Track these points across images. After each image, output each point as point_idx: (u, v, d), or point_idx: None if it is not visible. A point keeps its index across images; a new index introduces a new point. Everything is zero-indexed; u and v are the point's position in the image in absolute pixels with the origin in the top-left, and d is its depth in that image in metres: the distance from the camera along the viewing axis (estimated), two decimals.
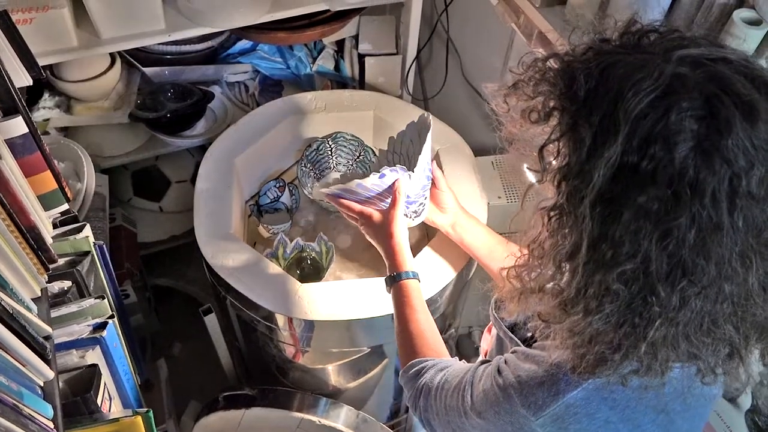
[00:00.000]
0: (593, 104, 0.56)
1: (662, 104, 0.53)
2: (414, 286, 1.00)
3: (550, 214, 0.61)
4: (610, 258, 0.56)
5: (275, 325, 1.23)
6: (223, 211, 1.28)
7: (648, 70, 0.54)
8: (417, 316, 0.97)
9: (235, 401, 1.43)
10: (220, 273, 1.20)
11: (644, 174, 0.53)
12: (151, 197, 1.80)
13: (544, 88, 0.62)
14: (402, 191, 1.03)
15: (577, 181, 0.57)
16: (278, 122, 1.45)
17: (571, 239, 0.59)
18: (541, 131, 0.62)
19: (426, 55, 1.91)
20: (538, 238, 0.64)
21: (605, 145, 0.54)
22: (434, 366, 0.88)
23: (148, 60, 1.64)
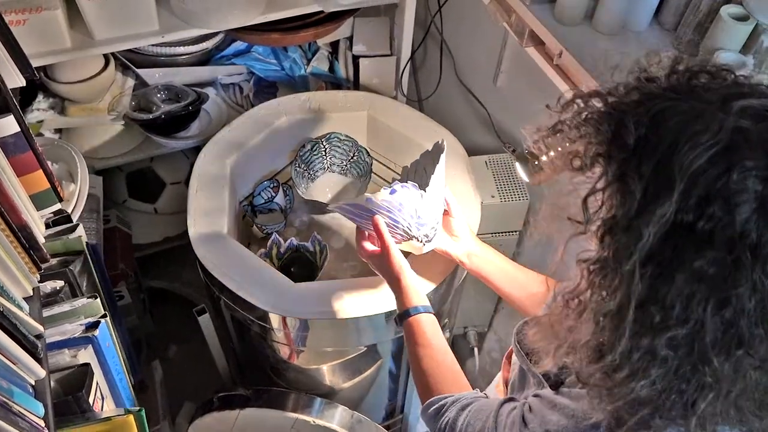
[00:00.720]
0: (644, 154, 0.53)
1: (723, 161, 0.49)
2: (423, 321, 0.95)
3: (592, 267, 0.57)
4: (659, 322, 0.53)
5: (269, 325, 1.23)
6: (216, 212, 1.29)
7: (706, 121, 0.51)
8: (428, 352, 0.92)
9: (229, 402, 1.42)
10: (213, 273, 1.20)
11: (701, 235, 0.50)
12: (145, 199, 1.80)
13: (587, 132, 0.58)
14: (384, 230, 0.98)
15: (625, 237, 0.53)
16: (272, 123, 1.45)
17: (615, 298, 0.55)
18: (584, 179, 0.58)
19: (420, 56, 1.92)
20: (576, 290, 0.60)
21: (658, 201, 0.51)
22: (455, 403, 0.84)
23: (142, 62, 1.64)
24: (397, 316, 0.98)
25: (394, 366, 1.49)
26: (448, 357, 0.92)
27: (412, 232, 0.98)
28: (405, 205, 0.94)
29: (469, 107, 1.77)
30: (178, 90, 1.65)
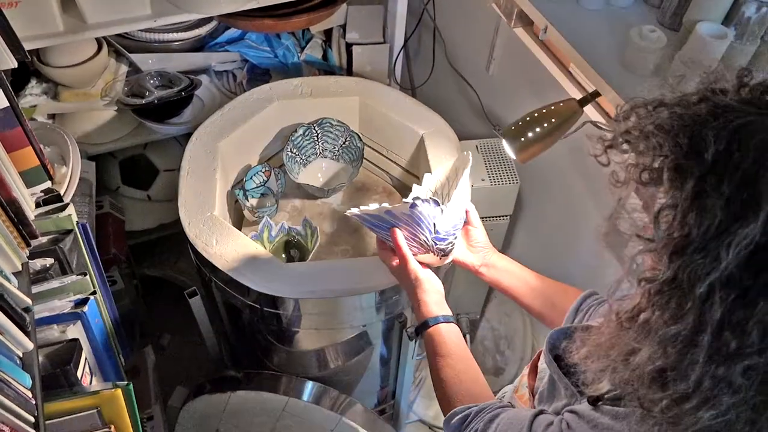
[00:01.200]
0: (725, 171, 0.49)
1: None
2: (443, 331, 0.93)
3: (657, 288, 0.53)
4: (735, 350, 0.50)
5: (259, 306, 1.24)
6: (206, 193, 1.29)
7: None
8: (449, 362, 0.90)
9: (220, 384, 1.43)
10: (203, 253, 1.20)
11: None
12: (139, 186, 1.80)
13: (658, 143, 0.55)
14: (401, 242, 0.97)
15: (700, 259, 0.50)
16: (264, 107, 1.46)
17: (685, 322, 0.52)
18: (653, 193, 0.55)
19: (415, 45, 1.93)
20: (635, 310, 0.56)
21: (741, 223, 0.48)
22: (481, 414, 0.81)
23: (135, 48, 1.64)
24: (415, 327, 0.97)
25: (385, 351, 1.49)
26: (471, 367, 0.90)
27: (430, 245, 0.97)
28: (424, 219, 0.92)
29: (462, 95, 1.77)
30: (171, 76, 1.65)
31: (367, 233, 1.49)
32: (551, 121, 0.91)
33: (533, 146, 0.93)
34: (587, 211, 1.33)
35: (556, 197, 1.44)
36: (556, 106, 0.92)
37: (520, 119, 0.95)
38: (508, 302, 1.96)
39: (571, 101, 0.91)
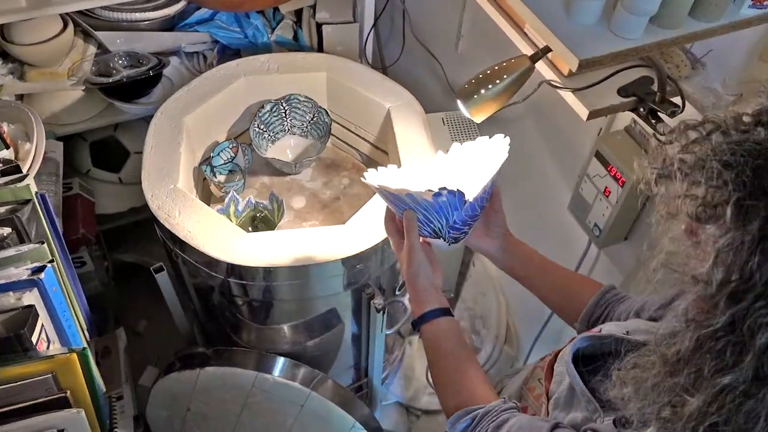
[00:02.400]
0: None
1: None
2: (442, 326, 0.87)
3: (710, 333, 0.49)
4: None
5: (223, 276, 1.23)
6: (170, 166, 1.29)
7: None
8: (449, 360, 0.85)
9: (190, 361, 1.42)
10: (165, 224, 1.20)
11: None
12: (110, 168, 1.79)
13: (713, 174, 0.50)
14: (412, 228, 0.88)
15: (762, 306, 0.46)
16: (230, 83, 1.45)
17: (742, 373, 0.48)
18: (710, 230, 0.50)
19: (387, 24, 1.93)
20: (681, 353, 0.52)
21: None
22: (486, 418, 0.76)
23: (103, 28, 1.63)
24: (412, 321, 0.91)
25: (355, 326, 1.49)
26: (471, 364, 0.85)
27: (442, 234, 0.91)
28: (444, 209, 0.87)
29: (433, 73, 1.78)
30: (140, 56, 1.64)
31: (337, 210, 1.49)
32: (503, 78, 0.91)
33: (487, 104, 0.93)
34: (553, 176, 1.34)
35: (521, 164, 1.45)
36: (507, 62, 0.92)
37: (473, 77, 0.95)
38: (483, 281, 1.97)
39: (522, 57, 0.91)
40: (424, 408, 1.99)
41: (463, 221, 0.89)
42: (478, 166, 0.94)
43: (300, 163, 1.45)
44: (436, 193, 0.83)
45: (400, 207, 0.89)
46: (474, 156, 0.96)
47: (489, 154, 0.93)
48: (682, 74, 0.95)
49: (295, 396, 1.41)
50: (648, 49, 0.76)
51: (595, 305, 0.88)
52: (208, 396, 1.47)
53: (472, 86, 0.94)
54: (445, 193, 0.83)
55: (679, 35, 0.78)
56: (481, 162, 0.94)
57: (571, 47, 0.75)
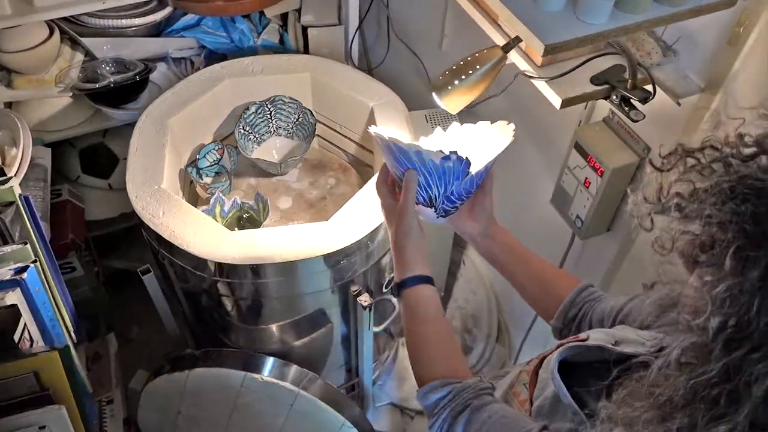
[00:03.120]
0: None
1: None
2: (423, 293, 0.85)
3: (704, 383, 0.47)
4: None
5: (207, 275, 1.24)
6: (155, 168, 1.30)
7: None
8: (427, 328, 0.83)
9: (179, 363, 1.42)
10: (149, 224, 1.21)
11: None
12: (99, 174, 1.80)
13: (711, 212, 0.47)
14: (411, 190, 0.86)
15: (759, 358, 0.45)
16: (215, 85, 1.47)
17: (737, 424, 0.46)
18: (707, 272, 0.48)
19: (373, 26, 1.94)
20: (678, 401, 0.49)
21: None
22: (462, 393, 0.74)
23: (90, 35, 1.65)
24: (394, 285, 0.89)
25: (343, 326, 1.50)
26: (448, 336, 0.83)
27: (436, 203, 0.90)
28: (447, 175, 0.85)
29: (418, 74, 1.79)
30: (127, 63, 1.66)
31: (324, 209, 1.49)
32: (476, 68, 0.92)
33: (461, 94, 0.94)
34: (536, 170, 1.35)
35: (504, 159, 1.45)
36: (480, 53, 0.93)
37: (447, 69, 0.96)
38: (474, 280, 1.97)
39: (494, 48, 0.92)
40: (418, 408, 1.99)
41: (459, 195, 0.88)
42: (481, 146, 0.94)
43: (285, 163, 1.46)
44: (446, 156, 0.82)
45: (403, 165, 0.86)
46: (477, 136, 0.96)
47: (493, 136, 0.94)
48: (653, 61, 0.96)
49: (284, 396, 1.41)
50: (614, 34, 0.77)
51: (570, 303, 0.86)
52: (198, 398, 1.47)
53: (447, 77, 0.95)
54: (454, 158, 0.82)
55: (645, 20, 0.79)
56: (484, 142, 0.94)
57: (537, 33, 0.76)
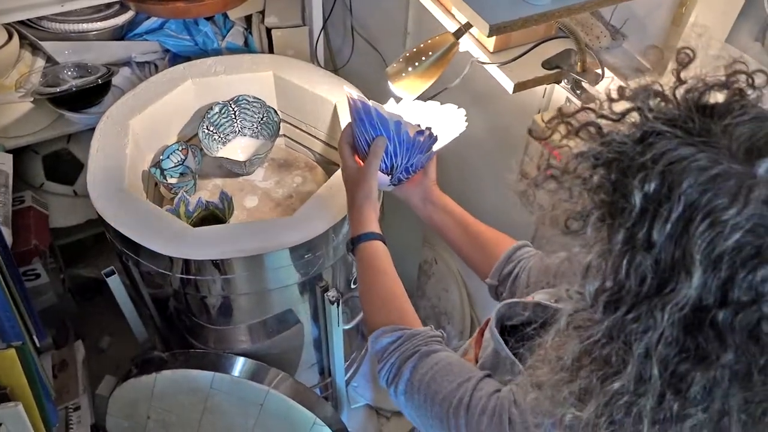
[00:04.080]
0: (654, 222, 0.45)
1: (751, 247, 0.42)
2: (378, 247, 0.88)
3: (592, 344, 0.50)
4: (679, 410, 0.47)
5: (171, 273, 1.23)
6: (116, 168, 1.29)
7: (729, 189, 0.43)
8: (382, 278, 0.85)
9: (146, 367, 1.41)
10: (111, 223, 1.20)
11: (724, 323, 0.43)
12: (64, 181, 1.78)
13: (579, 184, 0.50)
14: (378, 156, 0.90)
15: (633, 319, 0.47)
16: (177, 86, 1.46)
17: (626, 381, 0.48)
18: (581, 244, 0.50)
19: (338, 26, 1.95)
20: (576, 360, 0.52)
21: (673, 284, 0.44)
22: (412, 339, 0.76)
23: (51, 40, 1.64)
24: (350, 240, 0.91)
25: (314, 325, 1.49)
26: (400, 289, 0.85)
27: (395, 172, 0.93)
28: (414, 148, 0.88)
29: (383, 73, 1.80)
30: (89, 67, 1.64)
31: (290, 207, 1.49)
32: (429, 54, 0.93)
33: (415, 81, 0.95)
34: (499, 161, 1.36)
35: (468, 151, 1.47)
36: (432, 39, 0.94)
37: (401, 57, 0.97)
38: (446, 277, 1.98)
39: (446, 34, 0.94)
40: (394, 409, 1.98)
41: (416, 167, 0.93)
42: (440, 126, 0.97)
43: (251, 161, 1.46)
44: (420, 131, 0.87)
45: (377, 131, 0.89)
46: (428, 114, 1.01)
47: (443, 116, 0.98)
48: (602, 45, 0.98)
49: (254, 395, 1.40)
50: (558, 14, 0.79)
51: (506, 260, 0.89)
52: (168, 401, 1.45)
53: (400, 65, 0.96)
54: (427, 134, 0.87)
55: (588, 0, 0.80)
56: (435, 121, 0.98)
57: (481, 14, 0.77)
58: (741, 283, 0.43)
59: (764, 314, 0.43)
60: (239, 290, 1.29)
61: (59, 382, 1.49)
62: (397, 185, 0.96)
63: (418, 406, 0.72)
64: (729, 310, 0.43)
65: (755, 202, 0.42)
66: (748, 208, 0.42)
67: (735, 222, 0.42)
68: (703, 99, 0.49)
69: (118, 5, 1.67)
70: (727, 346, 0.44)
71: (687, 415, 0.47)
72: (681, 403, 0.47)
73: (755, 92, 0.49)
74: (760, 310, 0.43)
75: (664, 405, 0.47)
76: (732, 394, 0.46)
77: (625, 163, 0.47)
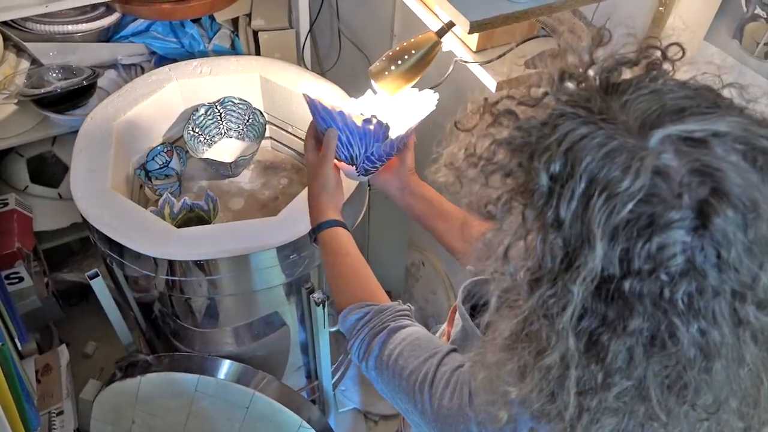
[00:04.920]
0: (560, 200, 0.47)
1: (644, 214, 0.44)
2: (340, 232, 0.89)
3: (522, 321, 0.52)
4: (603, 379, 0.49)
5: (155, 274, 1.22)
6: (100, 169, 1.28)
7: (623, 162, 0.45)
8: (347, 261, 0.86)
9: (130, 370, 1.39)
10: (94, 224, 1.19)
11: (631, 291, 0.46)
12: (48, 184, 1.76)
13: (497, 170, 0.51)
14: (331, 147, 0.91)
15: (552, 293, 0.49)
16: (162, 87, 1.46)
17: (553, 354, 0.50)
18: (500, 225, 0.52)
19: (325, 29, 1.96)
20: (512, 336, 0.53)
21: (581, 257, 0.46)
22: (380, 315, 0.76)
23: (36, 41, 1.63)
24: (310, 231, 0.92)
25: (300, 327, 1.48)
26: (366, 268, 0.86)
27: (357, 162, 0.94)
28: (367, 137, 0.89)
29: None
30: (75, 69, 1.64)
31: (276, 209, 1.48)
32: (411, 53, 0.93)
33: (397, 79, 0.96)
34: None
35: None
36: (415, 38, 0.95)
37: (384, 55, 0.97)
38: (433, 280, 1.98)
39: (428, 33, 0.94)
40: (382, 413, 1.97)
41: (379, 156, 0.92)
42: (405, 111, 0.98)
43: (236, 163, 1.45)
44: (366, 120, 0.87)
45: (327, 123, 0.91)
46: (402, 101, 1.00)
47: (417, 103, 0.98)
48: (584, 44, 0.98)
49: (240, 398, 1.39)
50: (539, 12, 0.79)
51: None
52: (152, 405, 1.44)
53: (383, 63, 0.96)
54: (375, 122, 0.87)
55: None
56: (408, 108, 0.98)
57: (463, 11, 0.77)
58: (639, 252, 0.45)
59: (664, 282, 0.45)
60: (225, 291, 1.28)
61: (43, 386, 1.47)
62: (366, 175, 0.97)
63: (388, 382, 0.72)
64: (632, 279, 0.45)
65: (645, 172, 0.44)
66: (640, 178, 0.44)
67: (628, 193, 0.44)
68: (612, 77, 0.50)
69: (104, 7, 1.66)
70: (636, 313, 0.46)
71: (611, 383, 0.49)
72: (604, 373, 0.49)
73: (668, 64, 0.51)
74: (659, 278, 0.45)
75: (589, 376, 0.49)
76: (648, 360, 0.47)
77: (533, 146, 0.49)
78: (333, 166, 0.92)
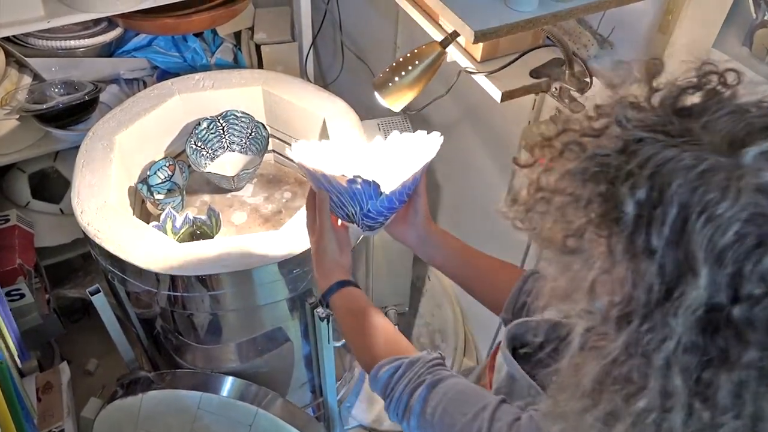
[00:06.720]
0: (651, 227, 0.44)
1: (752, 234, 0.42)
2: (351, 291, 0.86)
3: (611, 363, 0.48)
4: (710, 420, 0.45)
5: (156, 289, 1.20)
6: (101, 184, 1.27)
7: (719, 182, 0.42)
8: (361, 318, 0.83)
9: (132, 387, 1.37)
10: (95, 239, 1.17)
11: (741, 320, 0.42)
12: (50, 199, 1.76)
13: (573, 198, 0.49)
14: (323, 210, 0.87)
15: (648, 329, 0.45)
16: (165, 101, 1.45)
17: (651, 396, 0.46)
18: (581, 262, 0.49)
19: (327, 42, 1.96)
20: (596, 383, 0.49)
21: (680, 287, 0.43)
22: (412, 367, 0.72)
23: (38, 57, 1.63)
24: (321, 298, 0.90)
25: (304, 342, 1.46)
26: (385, 322, 0.83)
27: (355, 220, 0.89)
28: (358, 196, 0.85)
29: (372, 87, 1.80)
30: (77, 84, 1.63)
31: (279, 223, 1.47)
32: (415, 64, 0.92)
33: (402, 91, 0.94)
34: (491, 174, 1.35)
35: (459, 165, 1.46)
36: (419, 49, 0.94)
37: (388, 67, 0.96)
38: (438, 295, 1.96)
39: (433, 43, 0.93)
40: (389, 430, 1.94)
41: (378, 212, 0.86)
42: (406, 160, 0.91)
43: (239, 176, 1.44)
44: (351, 180, 0.82)
45: (317, 185, 0.87)
46: (404, 149, 0.94)
47: (419, 149, 0.91)
48: (590, 53, 0.97)
49: (243, 415, 1.37)
50: (544, 21, 0.78)
51: (518, 292, 0.84)
52: (154, 423, 1.42)
53: (387, 74, 0.95)
54: (360, 182, 0.82)
55: (574, 6, 0.80)
56: (409, 156, 0.92)
57: (467, 21, 0.76)
58: (750, 276, 0.42)
59: None
60: (228, 307, 1.27)
61: (43, 404, 1.45)
62: (373, 230, 0.91)
63: None
64: (743, 305, 0.42)
65: (747, 191, 0.42)
66: (741, 198, 0.42)
67: (731, 214, 0.42)
68: (679, 102, 0.49)
69: (106, 22, 1.66)
70: (748, 343, 0.43)
71: (719, 423, 0.45)
72: (711, 412, 0.45)
73: (728, 90, 0.49)
74: None
75: (694, 417, 0.45)
76: (762, 395, 0.44)
77: (611, 173, 0.47)
78: (331, 227, 0.88)
